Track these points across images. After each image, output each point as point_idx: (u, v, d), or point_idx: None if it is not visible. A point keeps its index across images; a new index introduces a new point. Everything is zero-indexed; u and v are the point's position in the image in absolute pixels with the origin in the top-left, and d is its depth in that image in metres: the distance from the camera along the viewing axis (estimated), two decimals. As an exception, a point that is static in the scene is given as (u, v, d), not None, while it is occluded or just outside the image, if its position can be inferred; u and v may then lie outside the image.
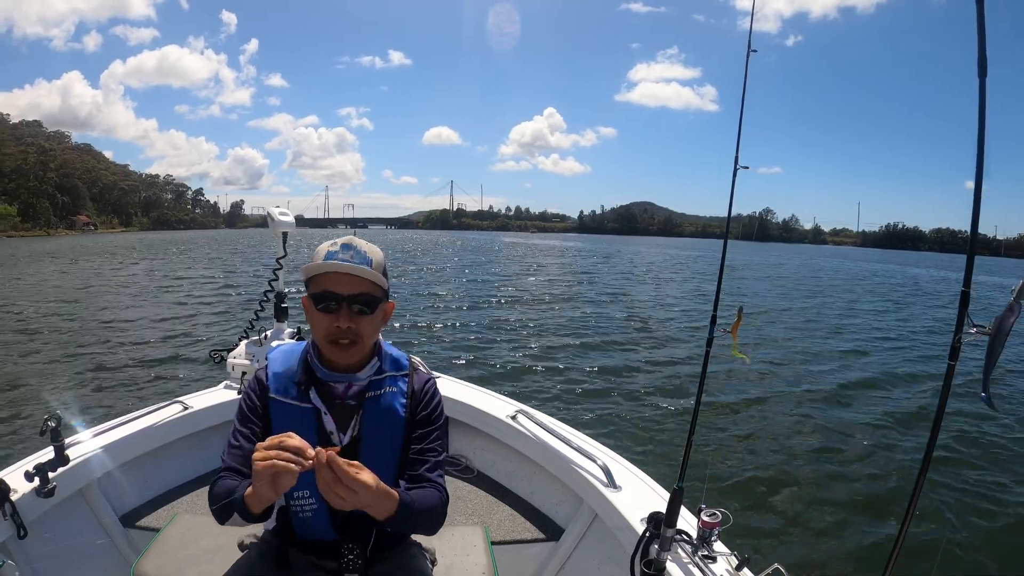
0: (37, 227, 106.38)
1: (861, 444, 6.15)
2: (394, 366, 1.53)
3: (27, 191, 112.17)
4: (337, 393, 1.46)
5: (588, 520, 2.41)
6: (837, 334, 13.56)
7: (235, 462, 1.43)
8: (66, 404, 6.66)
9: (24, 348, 9.70)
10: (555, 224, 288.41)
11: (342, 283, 1.36)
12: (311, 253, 1.43)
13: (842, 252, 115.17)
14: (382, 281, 1.40)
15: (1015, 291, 1.10)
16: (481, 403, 2.99)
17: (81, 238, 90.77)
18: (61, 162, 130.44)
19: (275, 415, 1.44)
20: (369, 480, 1.20)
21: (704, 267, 40.02)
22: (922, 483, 1.30)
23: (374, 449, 1.45)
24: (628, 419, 6.67)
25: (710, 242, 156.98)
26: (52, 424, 2.07)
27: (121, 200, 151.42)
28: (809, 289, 26.51)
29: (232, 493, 1.31)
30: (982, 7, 1.10)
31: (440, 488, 1.49)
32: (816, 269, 45.28)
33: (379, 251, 1.44)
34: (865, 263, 60.55)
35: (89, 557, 2.28)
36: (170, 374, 8.17)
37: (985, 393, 1.19)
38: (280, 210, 3.25)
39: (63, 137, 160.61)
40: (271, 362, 1.51)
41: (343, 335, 1.37)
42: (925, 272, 47.86)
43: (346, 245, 1.39)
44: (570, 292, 21.02)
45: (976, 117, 1.12)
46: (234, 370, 3.11)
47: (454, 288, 21.04)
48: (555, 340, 11.31)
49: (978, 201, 1.18)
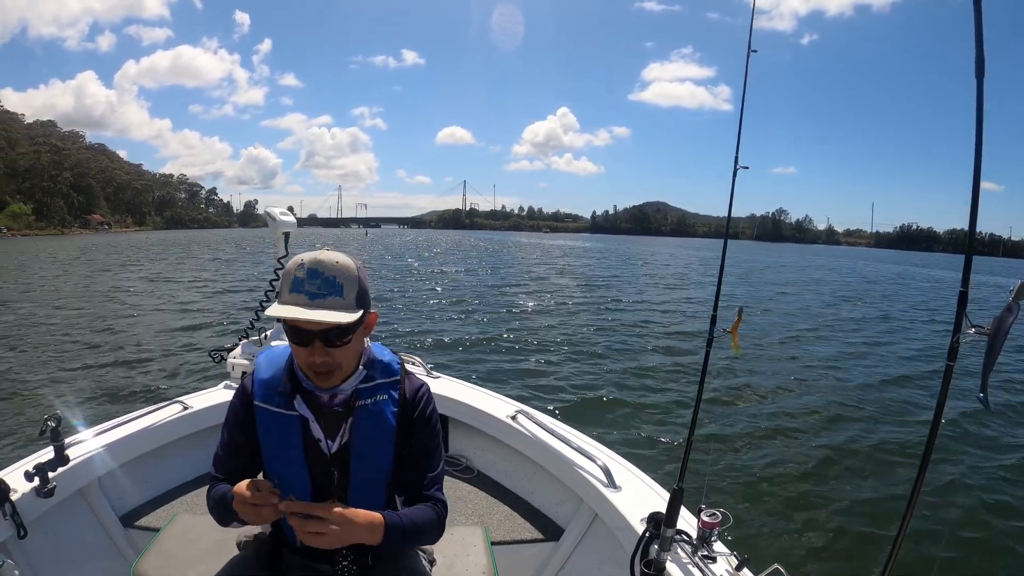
0: (51, 226, 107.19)
1: (861, 444, 6.14)
2: (385, 372, 1.47)
3: (41, 190, 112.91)
4: (323, 402, 1.41)
5: (588, 520, 2.41)
6: (840, 334, 13.55)
7: (221, 472, 1.47)
8: (66, 404, 6.66)
9: (24, 347, 9.71)
10: (568, 224, 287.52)
11: (308, 321, 1.25)
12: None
13: (856, 253, 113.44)
14: (353, 317, 1.28)
15: (1013, 291, 1.10)
16: (481, 403, 2.99)
17: (95, 237, 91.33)
18: (75, 161, 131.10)
19: (260, 423, 1.42)
20: (336, 511, 1.26)
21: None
22: (921, 483, 1.30)
23: (364, 458, 1.42)
24: (628, 419, 6.67)
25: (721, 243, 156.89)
26: (52, 424, 2.07)
27: (135, 199, 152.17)
28: (846, 294, 24.55)
29: (225, 503, 1.35)
30: (979, 9, 1.10)
31: (438, 501, 1.48)
32: (844, 272, 43.63)
33: (351, 266, 1.32)
34: (894, 266, 59.15)
35: (89, 557, 2.29)
36: (170, 374, 8.17)
37: (983, 393, 1.19)
38: (280, 210, 3.25)
39: (77, 137, 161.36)
40: (257, 368, 1.47)
41: (319, 367, 1.32)
42: (945, 274, 46.72)
43: (312, 271, 1.27)
44: (575, 292, 21.01)
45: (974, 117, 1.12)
46: (234, 370, 3.12)
47: (458, 285, 21.06)
48: (554, 341, 11.30)
49: (976, 201, 1.19)
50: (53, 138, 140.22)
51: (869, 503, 4.84)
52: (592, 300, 18.73)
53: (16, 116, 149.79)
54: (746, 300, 19.24)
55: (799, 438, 6.25)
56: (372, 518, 1.32)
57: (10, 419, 6.13)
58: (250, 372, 1.49)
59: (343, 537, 1.26)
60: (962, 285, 1.18)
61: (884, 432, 6.56)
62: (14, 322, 12.21)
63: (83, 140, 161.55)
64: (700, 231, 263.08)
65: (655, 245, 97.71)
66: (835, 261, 64.26)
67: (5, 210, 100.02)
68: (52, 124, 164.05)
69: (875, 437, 6.38)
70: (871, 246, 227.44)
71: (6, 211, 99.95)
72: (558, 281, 25.51)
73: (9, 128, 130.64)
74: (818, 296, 23.01)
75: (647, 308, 17.06)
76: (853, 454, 5.89)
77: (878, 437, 6.38)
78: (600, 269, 34.88)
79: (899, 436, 6.45)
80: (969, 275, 1.20)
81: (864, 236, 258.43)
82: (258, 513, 1.28)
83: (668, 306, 17.70)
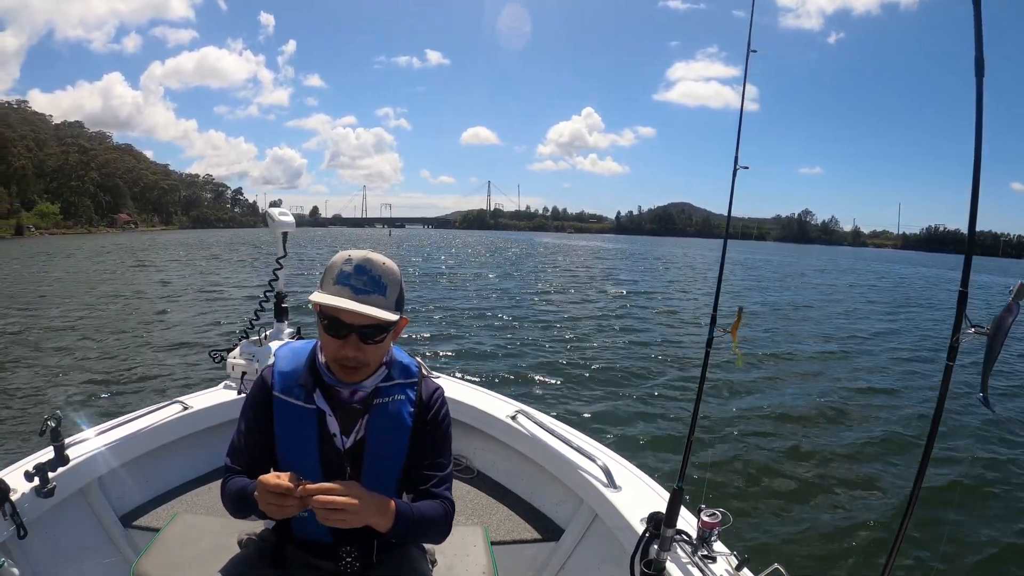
0: (79, 225, 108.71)
1: (861, 444, 6.15)
2: (403, 373, 1.50)
3: (69, 190, 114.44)
4: (343, 397, 1.44)
5: (588, 520, 2.41)
6: (842, 336, 13.56)
7: (238, 463, 1.47)
8: (66, 403, 6.65)
9: (22, 346, 9.70)
10: (592, 225, 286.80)
11: (353, 313, 1.28)
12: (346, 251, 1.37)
13: (884, 255, 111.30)
14: (395, 316, 1.32)
15: (1013, 291, 1.10)
16: (481, 403, 3.00)
17: (120, 236, 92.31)
18: (102, 162, 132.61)
19: (277, 414, 1.44)
20: (355, 497, 1.26)
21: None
22: (921, 482, 1.30)
23: (378, 455, 1.44)
24: (628, 419, 6.67)
25: (748, 244, 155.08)
26: (52, 424, 2.07)
27: (161, 199, 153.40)
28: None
29: (246, 495, 1.35)
30: (979, 8, 1.10)
31: (446, 499, 1.48)
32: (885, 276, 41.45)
33: (395, 270, 1.37)
34: (930, 269, 57.20)
35: (89, 557, 2.28)
36: (170, 373, 8.16)
37: (983, 393, 1.19)
38: (279, 210, 3.25)
39: (104, 138, 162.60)
40: (278, 360, 1.49)
41: (350, 361, 1.34)
42: (978, 277, 44.66)
43: (360, 267, 1.31)
44: (580, 293, 21.02)
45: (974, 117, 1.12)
46: (234, 370, 3.11)
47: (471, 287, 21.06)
48: (555, 341, 11.31)
49: (975, 200, 1.19)
50: (81, 139, 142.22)
51: (869, 503, 4.85)
52: (604, 301, 18.66)
53: (44, 117, 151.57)
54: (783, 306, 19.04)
55: (799, 438, 6.25)
56: (385, 502, 1.33)
57: (10, 419, 6.13)
58: (251, 371, 1.50)
59: (361, 515, 1.26)
60: (961, 285, 1.19)
61: (885, 432, 6.57)
62: (14, 322, 12.22)
63: (110, 141, 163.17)
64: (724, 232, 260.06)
65: (678, 246, 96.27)
66: (875, 265, 61.51)
67: (33, 209, 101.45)
68: (79, 125, 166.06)
69: (875, 437, 6.38)
70: (898, 248, 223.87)
71: (34, 210, 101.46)
72: (574, 282, 25.25)
73: (37, 129, 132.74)
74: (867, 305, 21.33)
75: (653, 309, 17.03)
76: (853, 454, 5.90)
77: (879, 437, 6.38)
78: (618, 272, 33.97)
79: (899, 436, 6.45)
80: (968, 275, 1.20)
81: (891, 238, 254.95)
82: (282, 506, 1.24)
83: (673, 305, 17.71)
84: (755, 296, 21.68)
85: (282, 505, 1.24)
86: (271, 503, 1.25)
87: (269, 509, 1.27)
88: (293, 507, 1.24)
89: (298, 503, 1.24)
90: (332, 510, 1.23)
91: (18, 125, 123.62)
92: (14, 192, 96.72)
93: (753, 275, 33.60)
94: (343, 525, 1.26)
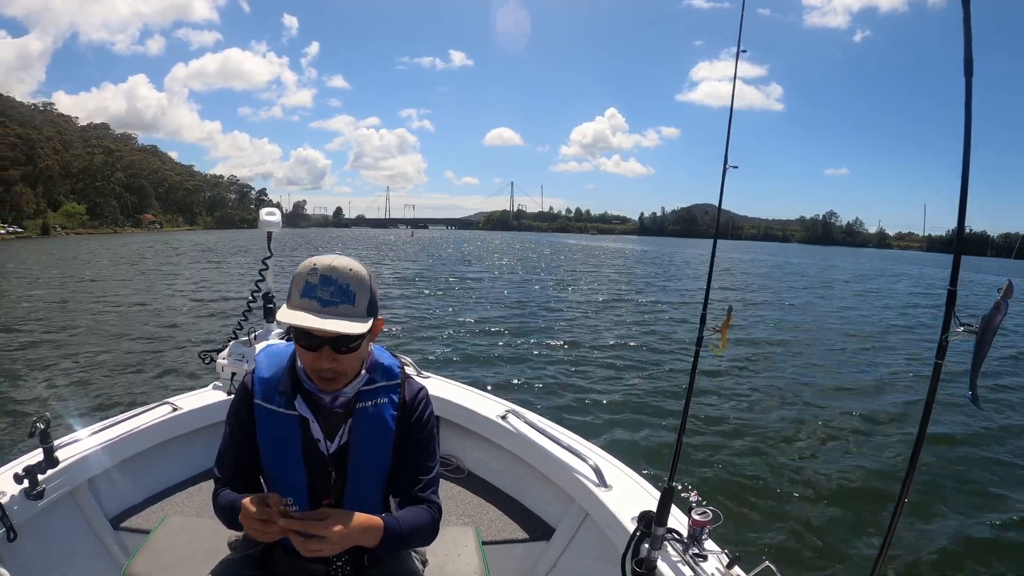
0: (104, 225, 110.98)
1: (850, 442, 6.19)
2: (386, 376, 1.47)
3: (95, 190, 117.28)
4: (324, 403, 1.41)
5: (579, 519, 2.41)
6: (832, 335, 13.64)
7: (225, 471, 1.47)
8: (55, 405, 6.59)
9: (12, 347, 9.61)
10: (615, 226, 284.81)
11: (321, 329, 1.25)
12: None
13: (909, 257, 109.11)
14: (364, 327, 1.28)
15: (1002, 290, 1.11)
16: (471, 403, 2.99)
17: (144, 236, 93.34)
18: (128, 163, 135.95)
19: (260, 421, 1.42)
20: (336, 528, 1.25)
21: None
22: (911, 480, 1.31)
23: (363, 460, 1.43)
24: (619, 418, 6.68)
25: (772, 245, 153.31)
26: (41, 426, 2.05)
27: (186, 200, 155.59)
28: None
29: (235, 511, 1.33)
30: (968, 9, 1.11)
31: (432, 504, 1.47)
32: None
33: (364, 274, 1.30)
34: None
35: (79, 559, 2.26)
36: (159, 374, 8.10)
37: (972, 391, 1.20)
38: (267, 210, 3.26)
39: (130, 139, 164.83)
40: (258, 366, 1.47)
41: (326, 372, 1.32)
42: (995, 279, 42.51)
43: (326, 278, 1.26)
44: (581, 293, 21.04)
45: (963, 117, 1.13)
46: (223, 371, 3.09)
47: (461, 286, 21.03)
48: (554, 341, 11.31)
49: (964, 199, 1.19)
50: (106, 140, 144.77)
51: (859, 501, 4.87)
52: (614, 303, 18.51)
53: (70, 119, 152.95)
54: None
55: (790, 436, 6.29)
56: (371, 522, 1.31)
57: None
58: (240, 372, 1.49)
59: (343, 543, 1.26)
60: (951, 284, 1.19)
61: (875, 430, 6.62)
62: (13, 321, 12.09)
63: (135, 142, 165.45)
64: (748, 233, 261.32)
65: (700, 247, 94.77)
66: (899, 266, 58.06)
67: (60, 209, 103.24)
68: (105, 127, 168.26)
69: (866, 435, 6.43)
70: (923, 250, 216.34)
71: (61, 210, 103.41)
72: (589, 284, 24.83)
73: (64, 131, 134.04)
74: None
75: (660, 310, 17.06)
76: (843, 452, 5.94)
77: (869, 435, 6.43)
78: (635, 274, 32.49)
79: (890, 434, 6.50)
80: (958, 274, 1.21)
81: (916, 239, 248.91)
82: (265, 530, 1.25)
83: (678, 303, 17.76)
84: (764, 296, 21.70)
85: (265, 531, 1.25)
86: (254, 528, 1.26)
87: (253, 533, 1.28)
88: (276, 533, 1.25)
89: (280, 529, 1.24)
90: (311, 539, 1.23)
91: (44, 127, 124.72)
92: (40, 192, 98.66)
93: (779, 283, 30.68)
94: (323, 555, 1.26)
